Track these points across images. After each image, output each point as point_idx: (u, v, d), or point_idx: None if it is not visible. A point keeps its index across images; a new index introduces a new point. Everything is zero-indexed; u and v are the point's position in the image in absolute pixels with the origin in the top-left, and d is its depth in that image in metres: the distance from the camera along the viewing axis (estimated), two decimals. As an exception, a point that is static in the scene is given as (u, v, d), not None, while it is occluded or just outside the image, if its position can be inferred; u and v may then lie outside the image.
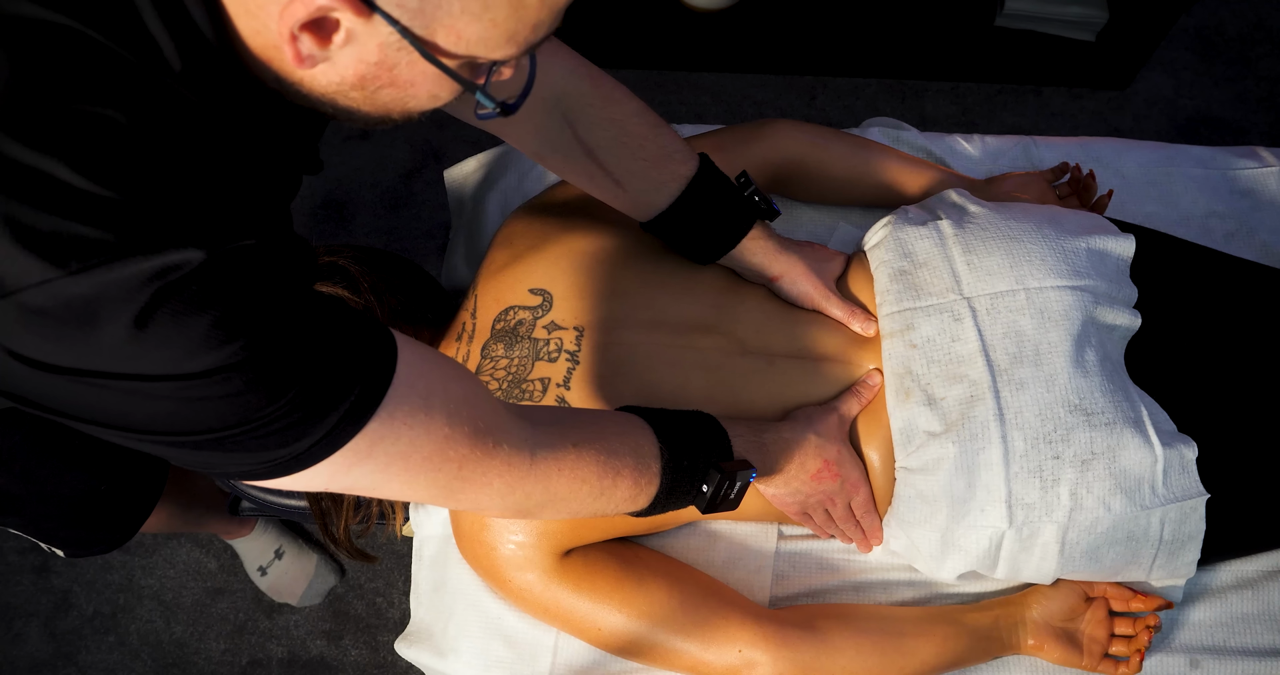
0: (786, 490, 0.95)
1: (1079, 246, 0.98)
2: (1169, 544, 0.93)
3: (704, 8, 2.02)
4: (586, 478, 0.77)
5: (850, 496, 0.98)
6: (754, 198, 1.01)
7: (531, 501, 0.75)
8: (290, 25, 0.50)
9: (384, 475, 0.64)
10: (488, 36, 0.53)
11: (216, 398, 0.53)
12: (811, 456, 0.94)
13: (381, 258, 1.12)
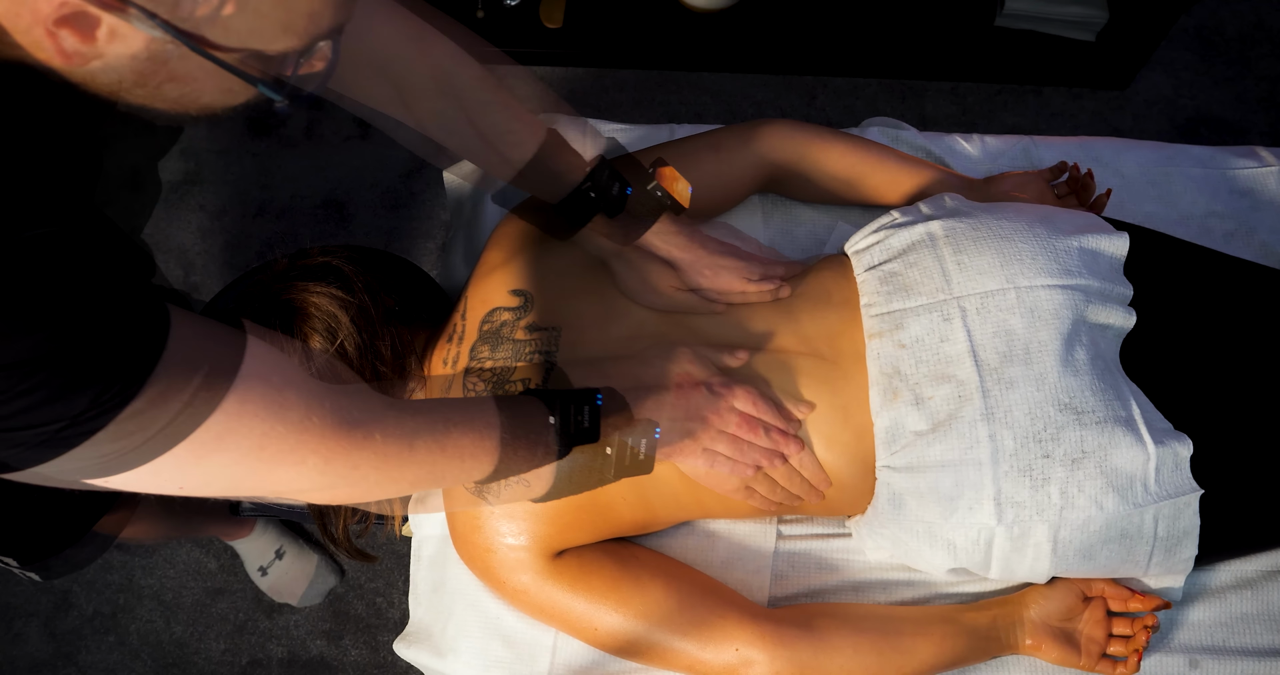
0: (664, 422, 0.90)
1: (1071, 245, 0.98)
2: (1165, 541, 0.93)
3: (704, 8, 2.02)
4: (417, 435, 0.72)
5: (730, 400, 0.93)
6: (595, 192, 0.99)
7: (357, 475, 0.69)
8: (43, 22, 0.48)
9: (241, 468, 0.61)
10: (257, 28, 0.52)
11: (23, 393, 0.51)
12: (660, 370, 0.91)
13: (377, 258, 1.12)
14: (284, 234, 1.96)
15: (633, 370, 0.92)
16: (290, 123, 2.05)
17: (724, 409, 0.93)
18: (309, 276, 0.99)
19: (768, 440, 0.94)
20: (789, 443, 0.95)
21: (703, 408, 0.92)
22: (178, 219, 1.96)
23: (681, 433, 0.91)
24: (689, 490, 0.97)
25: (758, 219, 1.23)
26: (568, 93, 2.08)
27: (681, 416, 0.91)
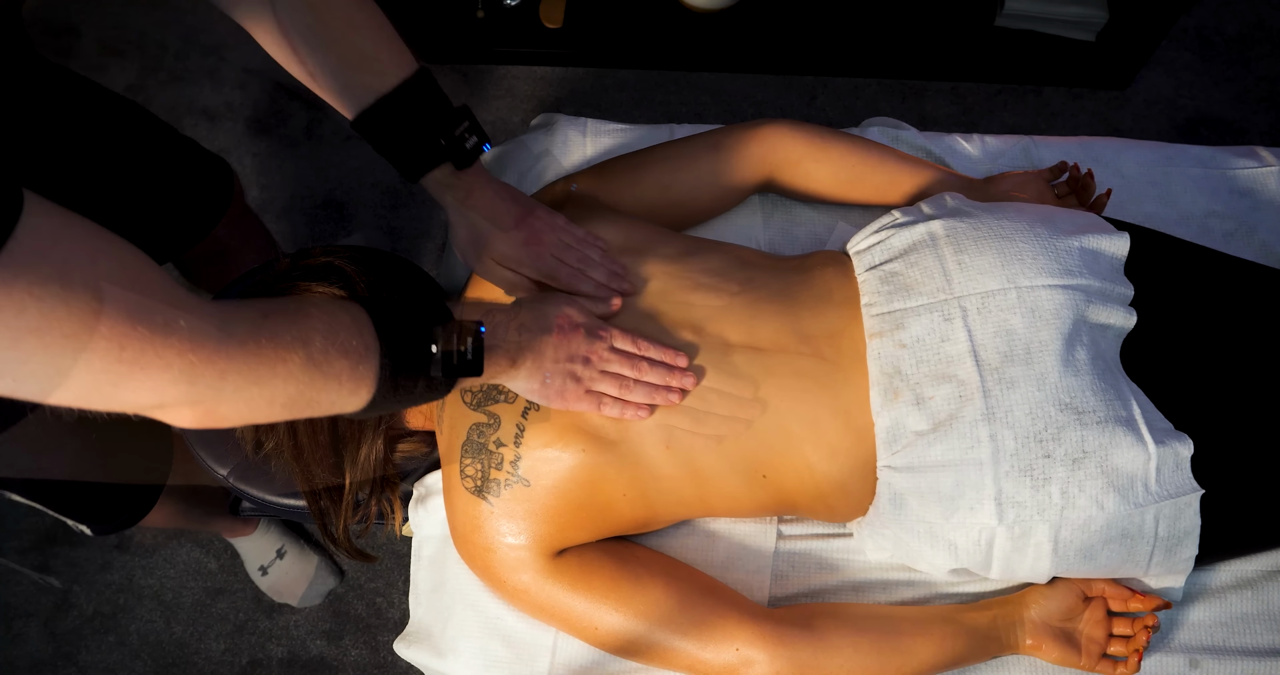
0: (546, 365, 0.90)
1: (1072, 245, 0.98)
2: (1165, 541, 0.93)
3: (704, 8, 2.02)
4: (291, 349, 0.68)
5: (609, 340, 0.94)
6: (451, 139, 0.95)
7: (226, 385, 0.65)
8: None
9: (14, 354, 0.55)
10: None
11: None
12: (539, 312, 0.91)
13: (378, 257, 1.12)
14: (284, 234, 1.96)
15: (513, 311, 0.91)
16: (290, 123, 2.05)
17: (602, 348, 0.93)
18: (311, 276, 0.99)
19: (655, 375, 0.94)
20: (681, 376, 0.95)
21: (582, 348, 0.92)
22: (178, 219, 1.96)
23: (564, 375, 0.91)
24: (693, 488, 0.97)
25: (758, 219, 1.23)
26: (568, 93, 2.08)
27: (564, 358, 0.91)
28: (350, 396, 0.73)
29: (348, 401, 0.73)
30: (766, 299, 1.01)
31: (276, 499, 1.13)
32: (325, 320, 0.71)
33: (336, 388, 0.71)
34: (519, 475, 0.94)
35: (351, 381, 0.72)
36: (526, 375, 0.90)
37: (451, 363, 0.80)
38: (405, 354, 0.76)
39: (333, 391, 0.71)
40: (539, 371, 0.90)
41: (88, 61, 2.11)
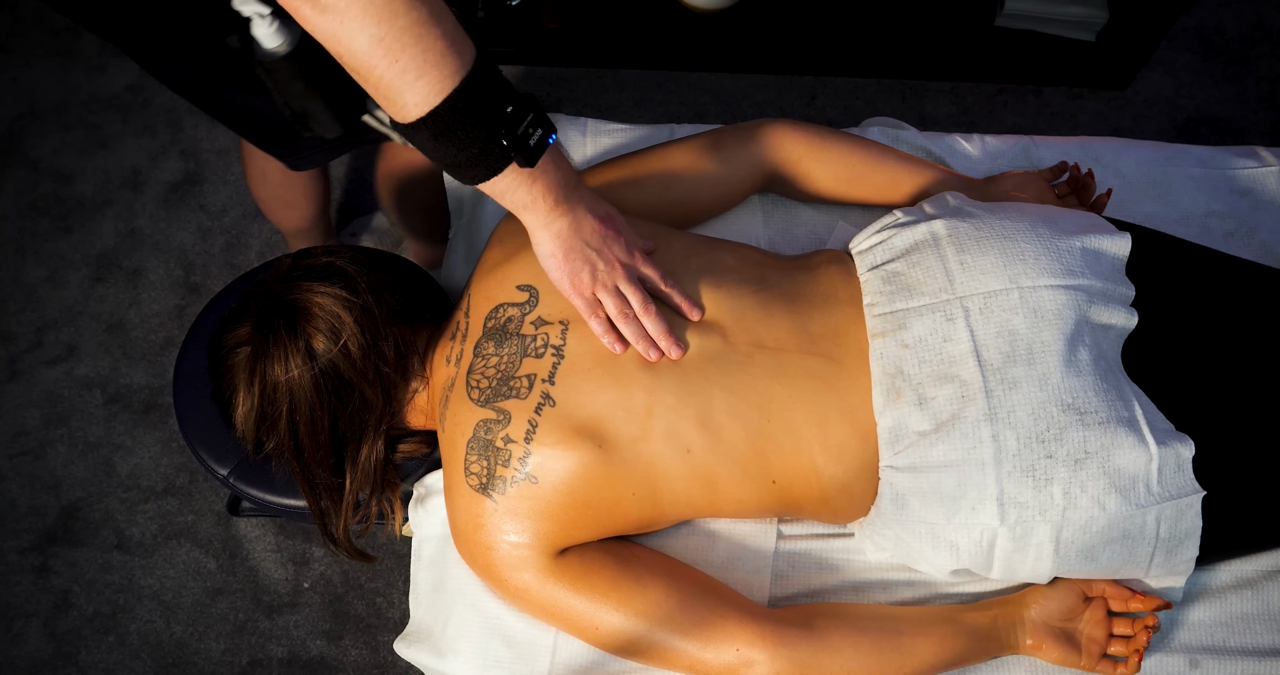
0: (579, 232, 0.91)
1: (1073, 245, 0.98)
2: (1166, 542, 0.93)
3: (704, 8, 2.02)
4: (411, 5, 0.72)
5: (645, 268, 0.96)
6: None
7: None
8: None
9: None
10: None
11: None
12: (600, 203, 0.94)
13: (379, 258, 1.12)
14: (284, 234, 1.96)
15: (580, 183, 0.94)
16: (290, 122, 2.05)
17: (629, 269, 0.95)
18: (313, 276, 0.99)
19: (654, 325, 0.95)
20: (671, 345, 0.95)
21: (615, 252, 0.93)
22: (178, 219, 1.96)
23: (585, 260, 0.93)
24: (704, 492, 0.97)
25: (758, 219, 1.23)
26: (568, 93, 2.08)
27: (596, 245, 0.92)
28: (421, 83, 0.76)
29: (414, 87, 0.76)
30: (776, 298, 1.01)
31: (277, 499, 1.13)
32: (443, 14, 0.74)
33: (420, 61, 0.74)
34: (526, 472, 0.93)
35: (435, 69, 0.75)
36: (557, 231, 0.89)
37: (515, 132, 0.79)
38: (487, 88, 0.78)
39: (415, 62, 0.74)
40: (569, 237, 0.89)
41: (88, 61, 2.11)
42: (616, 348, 0.95)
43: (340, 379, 0.97)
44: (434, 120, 0.79)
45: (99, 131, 2.04)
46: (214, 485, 1.76)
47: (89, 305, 1.89)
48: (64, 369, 1.84)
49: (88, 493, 1.75)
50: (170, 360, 1.84)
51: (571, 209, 0.92)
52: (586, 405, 0.94)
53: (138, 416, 1.80)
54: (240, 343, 1.00)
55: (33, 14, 2.14)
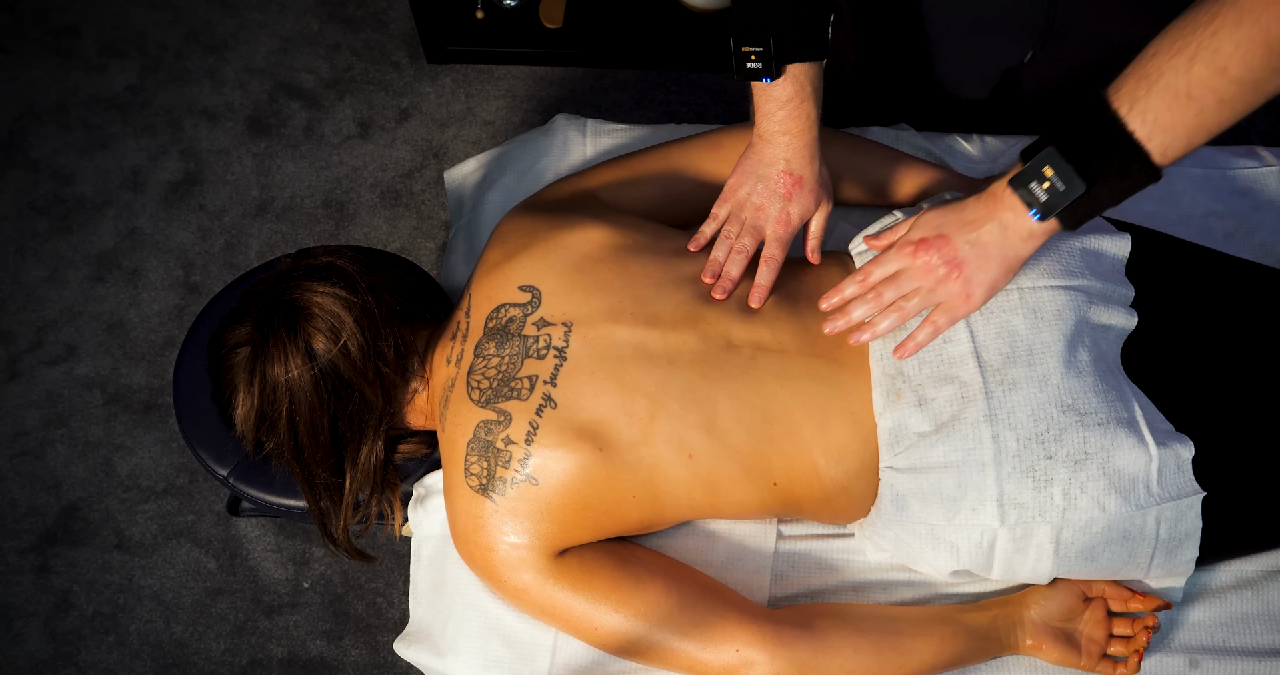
0: (758, 150, 1.00)
1: (1073, 246, 0.98)
2: (1166, 543, 0.93)
3: (704, 8, 2.02)
4: None
5: (767, 209, 1.01)
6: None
7: None
8: None
9: None
10: None
11: None
12: (799, 160, 0.98)
13: (379, 258, 1.12)
14: (284, 234, 1.96)
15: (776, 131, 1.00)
16: (290, 123, 2.05)
17: (774, 223, 1.02)
18: (313, 276, 0.99)
19: (737, 264, 1.02)
20: (759, 299, 1.01)
21: (766, 188, 1.02)
22: (178, 219, 1.96)
23: (752, 180, 1.02)
24: (705, 494, 0.97)
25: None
26: (568, 93, 2.08)
27: (752, 171, 1.02)
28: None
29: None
30: (778, 299, 1.01)
31: (277, 499, 1.13)
32: None
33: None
34: (527, 473, 0.93)
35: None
36: (750, 146, 1.01)
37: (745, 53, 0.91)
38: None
39: None
40: (751, 159, 1.01)
41: (88, 61, 2.11)
42: (708, 279, 1.01)
43: (340, 379, 0.97)
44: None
45: (99, 131, 2.04)
46: (214, 485, 1.76)
47: (89, 305, 1.89)
48: (64, 369, 1.84)
49: (88, 493, 1.75)
50: (170, 360, 1.84)
51: (770, 145, 1.00)
52: (588, 408, 0.94)
53: (138, 416, 1.80)
54: (240, 343, 1.00)
55: (33, 14, 2.14)
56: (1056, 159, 0.81)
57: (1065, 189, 0.81)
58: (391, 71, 2.09)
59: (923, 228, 0.92)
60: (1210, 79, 0.73)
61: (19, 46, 2.11)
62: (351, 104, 2.07)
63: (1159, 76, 0.75)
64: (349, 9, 2.16)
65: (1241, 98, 0.74)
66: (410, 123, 2.05)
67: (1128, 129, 0.77)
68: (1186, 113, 0.75)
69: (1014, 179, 0.85)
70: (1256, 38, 0.71)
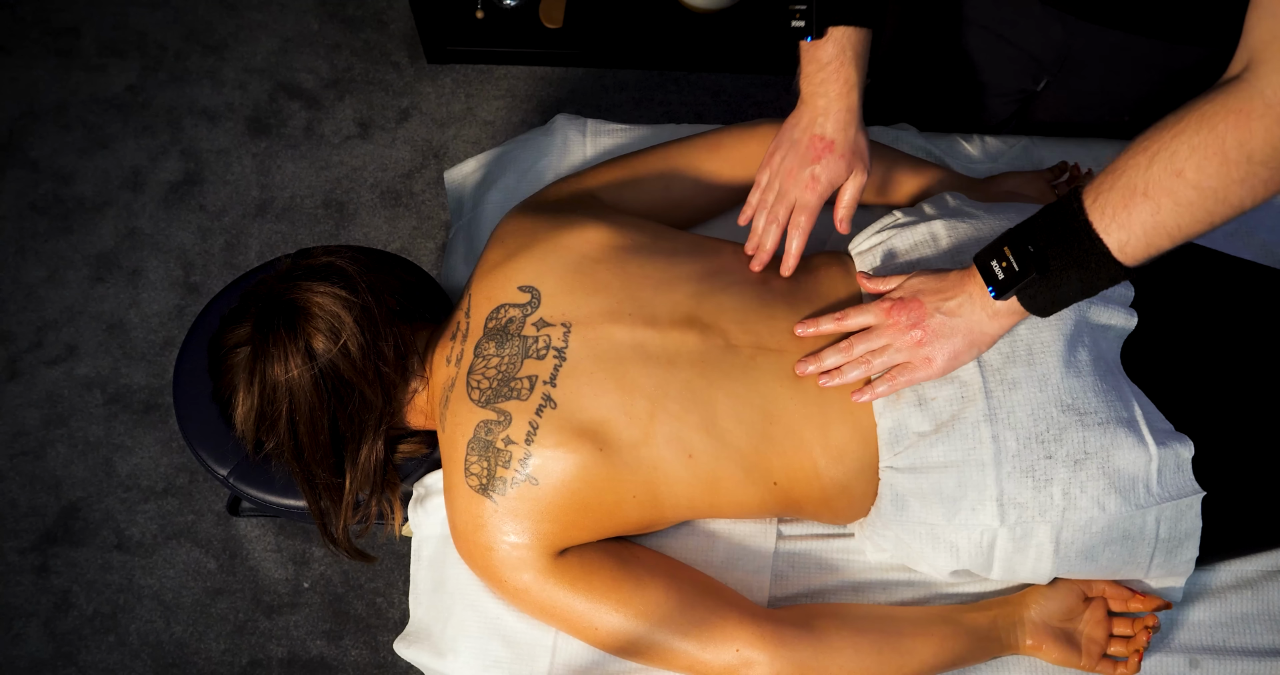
0: (795, 123, 1.00)
1: (1073, 246, 0.98)
2: (1166, 542, 0.93)
3: (704, 8, 2.02)
4: None
5: (814, 177, 1.00)
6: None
7: None
8: None
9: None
10: None
11: None
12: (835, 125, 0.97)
13: (379, 258, 1.12)
14: (284, 234, 1.96)
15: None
16: (290, 123, 2.05)
17: (804, 189, 1.02)
18: (313, 276, 0.99)
19: (774, 236, 1.03)
20: (788, 267, 1.04)
21: (797, 168, 1.01)
22: (178, 219, 1.96)
23: (787, 143, 1.01)
24: (705, 494, 0.97)
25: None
26: (568, 93, 2.08)
27: (788, 142, 1.01)
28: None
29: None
30: (777, 299, 1.01)
31: (277, 499, 1.13)
32: None
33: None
34: (527, 473, 0.93)
35: None
36: (792, 112, 1.01)
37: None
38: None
39: None
40: (789, 125, 1.01)
41: (88, 61, 2.11)
42: (749, 251, 1.05)
43: (340, 379, 0.97)
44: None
45: (99, 131, 2.04)
46: (214, 485, 1.76)
47: (89, 305, 1.89)
48: (64, 369, 1.84)
49: (88, 493, 1.75)
50: (170, 360, 1.84)
51: (807, 108, 1.00)
52: (588, 408, 0.94)
53: (138, 416, 1.80)
54: (240, 343, 1.00)
55: (33, 14, 2.14)
56: (1015, 241, 0.83)
57: (1019, 271, 0.83)
58: (391, 71, 2.09)
59: (905, 288, 0.93)
60: (1166, 180, 0.75)
61: (19, 46, 2.11)
62: (351, 104, 2.07)
63: (1122, 173, 0.78)
64: (349, 9, 2.16)
65: (1201, 204, 0.75)
66: (410, 123, 2.05)
67: (1088, 220, 0.79)
68: (1142, 211, 0.76)
69: (979, 255, 0.86)
70: (1212, 145, 0.73)
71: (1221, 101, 0.73)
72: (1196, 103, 0.75)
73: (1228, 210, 0.75)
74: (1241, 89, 0.72)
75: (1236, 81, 0.73)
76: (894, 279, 0.96)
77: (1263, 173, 0.73)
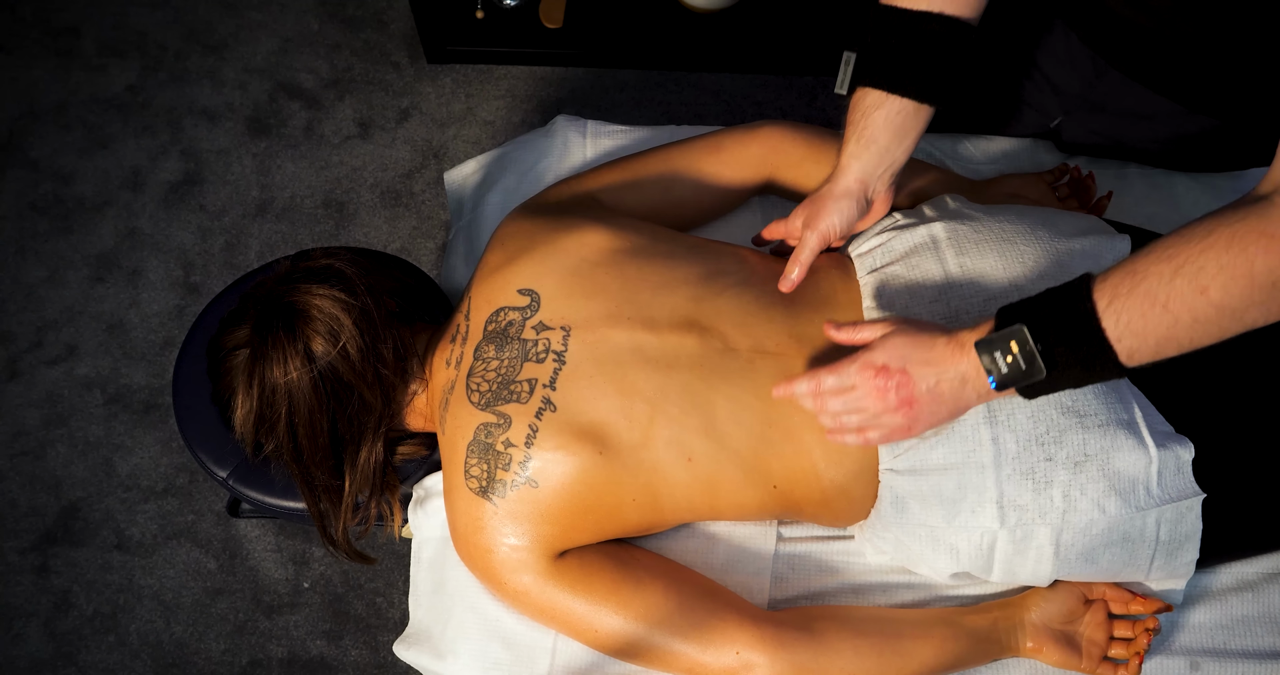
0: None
1: (1073, 248, 0.98)
2: (1166, 545, 0.93)
3: (704, 8, 2.02)
4: None
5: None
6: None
7: None
8: None
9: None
10: None
11: None
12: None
13: (378, 260, 1.12)
14: (284, 234, 1.96)
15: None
16: (290, 123, 2.05)
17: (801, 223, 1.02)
18: (312, 279, 0.99)
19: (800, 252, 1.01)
20: (786, 286, 1.01)
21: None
22: (178, 219, 1.96)
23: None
24: (705, 497, 0.97)
25: (758, 221, 1.23)
26: (568, 93, 2.08)
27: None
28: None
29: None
30: (777, 302, 1.01)
31: (276, 501, 1.13)
32: None
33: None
34: (527, 476, 0.93)
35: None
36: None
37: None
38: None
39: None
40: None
41: (88, 61, 2.10)
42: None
43: (339, 381, 0.97)
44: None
45: (99, 131, 2.04)
46: (214, 485, 1.76)
47: (89, 305, 1.89)
48: (64, 369, 1.84)
49: (88, 493, 1.75)
50: (170, 360, 1.84)
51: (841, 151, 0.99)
52: (588, 411, 0.94)
53: (138, 416, 1.80)
54: (239, 345, 1.00)
55: (33, 14, 2.14)
56: (1024, 339, 0.79)
57: (1026, 369, 0.80)
58: (391, 71, 2.09)
59: (888, 351, 0.86)
60: (1189, 295, 0.73)
61: (19, 46, 2.11)
62: (351, 104, 2.06)
63: (1142, 278, 0.75)
64: (349, 9, 2.16)
65: (1218, 322, 0.74)
66: (410, 123, 2.05)
67: (1101, 325, 0.76)
68: (1160, 323, 0.75)
69: (981, 343, 0.82)
70: (1241, 266, 0.71)
71: (1253, 223, 0.71)
72: (1224, 217, 0.72)
73: (1239, 328, 0.74)
74: (1274, 214, 0.70)
75: (1269, 205, 0.71)
76: (869, 329, 0.90)
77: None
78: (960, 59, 0.93)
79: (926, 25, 0.92)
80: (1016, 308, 0.81)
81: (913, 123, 0.95)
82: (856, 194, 0.99)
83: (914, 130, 0.96)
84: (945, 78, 0.94)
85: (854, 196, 0.99)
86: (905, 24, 0.92)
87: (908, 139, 0.96)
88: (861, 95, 0.96)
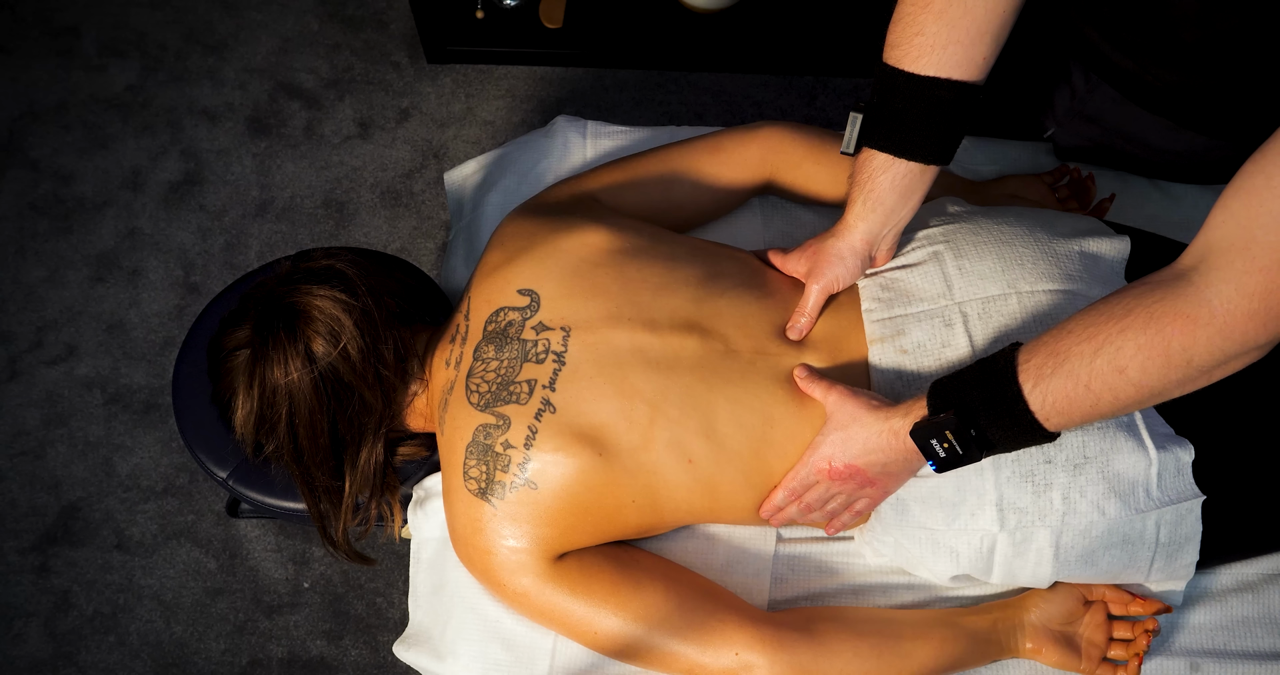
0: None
1: (1071, 249, 0.98)
2: (1166, 547, 0.93)
3: (704, 8, 2.02)
4: None
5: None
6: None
7: None
8: None
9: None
10: None
11: None
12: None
13: (379, 260, 1.12)
14: (284, 234, 1.96)
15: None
16: (290, 123, 2.05)
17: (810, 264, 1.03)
18: (312, 279, 0.99)
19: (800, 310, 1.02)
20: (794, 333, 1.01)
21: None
22: (178, 219, 1.96)
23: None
24: (705, 500, 0.97)
25: (758, 222, 1.23)
26: (568, 93, 2.08)
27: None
28: None
29: None
30: (777, 303, 1.01)
31: (276, 502, 1.13)
32: None
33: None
34: (526, 477, 0.93)
35: None
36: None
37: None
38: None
39: None
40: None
41: (88, 61, 2.10)
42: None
43: (339, 382, 0.97)
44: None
45: (99, 131, 2.04)
46: (214, 485, 1.76)
47: (89, 305, 1.89)
48: (64, 369, 1.84)
49: (88, 493, 1.75)
50: (170, 360, 1.84)
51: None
52: (587, 413, 0.94)
53: (138, 416, 1.80)
54: (240, 346, 1.00)
55: (33, 14, 2.13)
56: (958, 428, 0.82)
57: (963, 454, 0.83)
58: (391, 71, 2.09)
59: (831, 447, 0.92)
60: (1109, 375, 0.75)
61: (19, 46, 2.11)
62: (351, 104, 2.06)
63: (1065, 359, 0.77)
64: (349, 9, 2.16)
65: (1137, 399, 0.76)
66: (410, 123, 2.05)
67: (1029, 407, 0.79)
68: (1083, 403, 0.77)
69: (916, 431, 0.85)
70: (1158, 346, 0.72)
71: (1170, 303, 0.72)
72: (1143, 295, 0.74)
73: (1155, 402, 0.77)
74: (1190, 293, 0.71)
75: (1186, 284, 0.72)
76: (817, 388, 0.94)
77: (1201, 379, 0.74)
78: (969, 122, 0.94)
79: (935, 92, 0.91)
80: (947, 385, 0.85)
81: (919, 183, 0.96)
82: (862, 253, 1.00)
83: (920, 190, 0.97)
84: (953, 141, 0.94)
85: (859, 255, 1.00)
86: (913, 89, 0.92)
87: (913, 198, 0.97)
88: (868, 156, 0.96)
